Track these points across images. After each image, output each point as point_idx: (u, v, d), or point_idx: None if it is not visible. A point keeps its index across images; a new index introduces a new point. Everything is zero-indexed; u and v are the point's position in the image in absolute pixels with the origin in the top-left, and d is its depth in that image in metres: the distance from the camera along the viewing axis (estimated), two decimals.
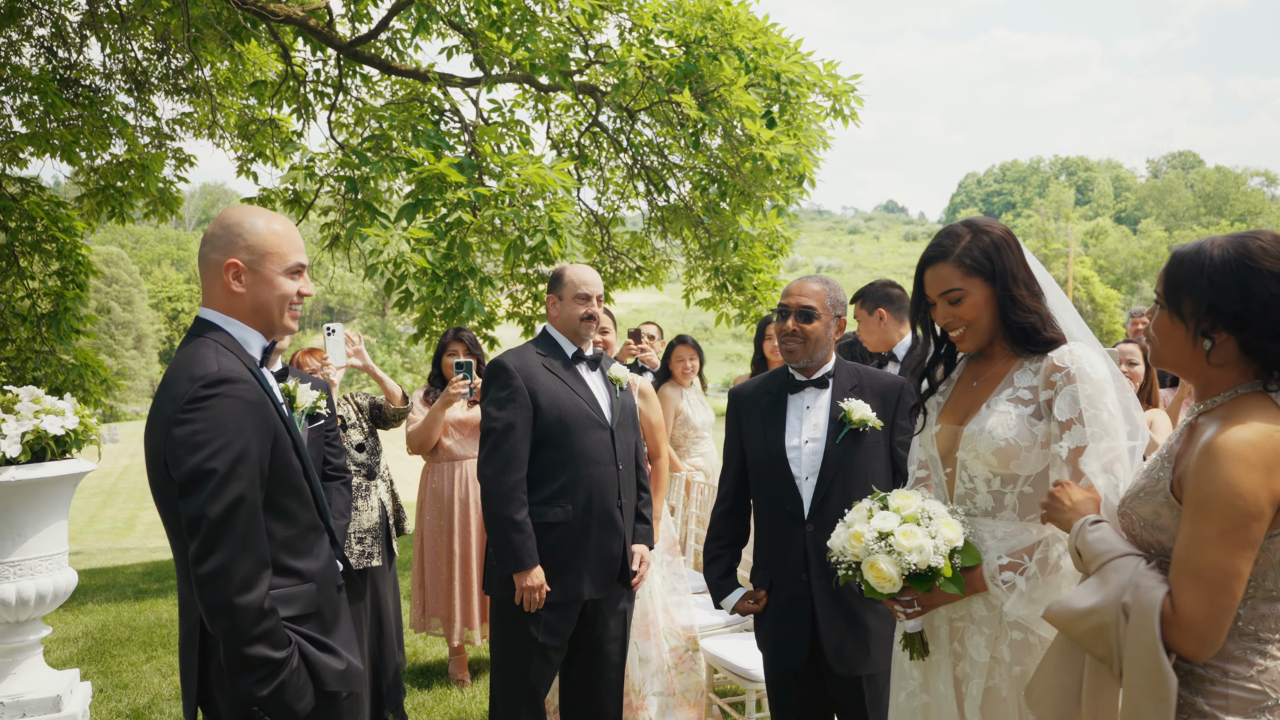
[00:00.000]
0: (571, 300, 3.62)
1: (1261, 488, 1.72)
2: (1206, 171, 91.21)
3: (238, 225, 2.25)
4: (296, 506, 2.25)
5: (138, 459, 25.90)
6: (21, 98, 8.90)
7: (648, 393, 4.63)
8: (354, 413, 4.68)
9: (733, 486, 3.24)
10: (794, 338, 3.04)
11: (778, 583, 3.04)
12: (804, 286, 3.11)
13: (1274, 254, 1.80)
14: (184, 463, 2.02)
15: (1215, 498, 1.75)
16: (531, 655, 3.44)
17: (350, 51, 8.23)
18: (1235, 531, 1.74)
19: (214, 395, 2.06)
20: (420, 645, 5.89)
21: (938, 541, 2.18)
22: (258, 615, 2.04)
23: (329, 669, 2.22)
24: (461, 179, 6.63)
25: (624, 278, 9.87)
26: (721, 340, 69.91)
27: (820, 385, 3.10)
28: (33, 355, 8.79)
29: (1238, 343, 1.83)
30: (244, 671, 2.05)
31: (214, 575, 2.00)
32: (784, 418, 3.09)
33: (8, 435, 2.74)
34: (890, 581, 2.18)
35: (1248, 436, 1.75)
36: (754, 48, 7.59)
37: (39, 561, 2.92)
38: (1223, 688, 1.80)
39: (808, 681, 3.04)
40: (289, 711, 2.11)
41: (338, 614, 2.33)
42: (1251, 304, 1.79)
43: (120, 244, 57.88)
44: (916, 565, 2.17)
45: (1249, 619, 1.81)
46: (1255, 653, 1.80)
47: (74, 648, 6.07)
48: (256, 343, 2.29)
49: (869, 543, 2.22)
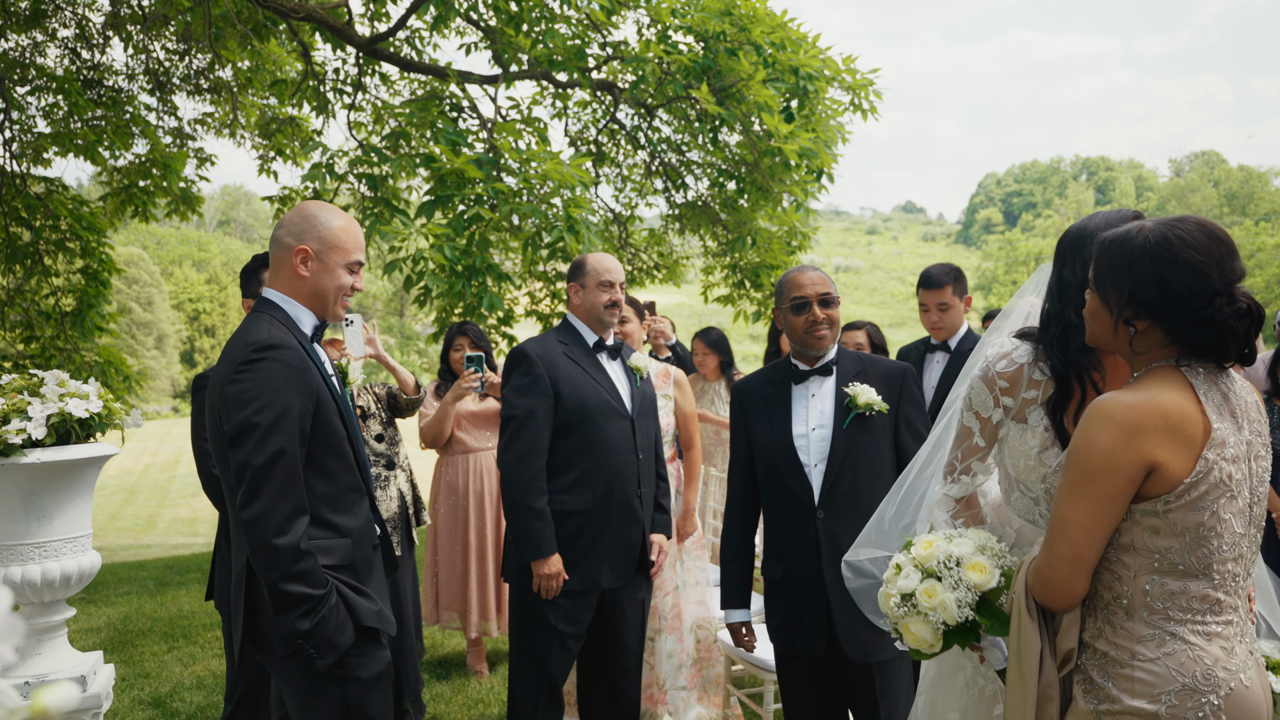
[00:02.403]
0: (594, 288, 3.62)
1: (1120, 445, 1.72)
2: (1231, 170, 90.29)
3: (314, 217, 2.51)
4: (338, 467, 2.46)
5: (160, 457, 26.17)
6: (46, 98, 9.02)
7: (683, 383, 4.63)
8: (373, 403, 4.70)
9: (743, 479, 3.24)
10: (822, 325, 3.05)
11: (790, 572, 3.04)
12: (816, 277, 3.14)
13: (1194, 245, 1.77)
14: (233, 417, 2.28)
15: (1073, 451, 1.80)
16: (550, 643, 3.44)
17: (369, 49, 8.28)
18: (1082, 484, 1.76)
19: (262, 359, 2.32)
20: (439, 637, 5.91)
21: (960, 593, 2.01)
22: (294, 555, 2.25)
23: (365, 607, 2.42)
24: (480, 175, 6.66)
25: (642, 275, 9.87)
26: (739, 341, 69.82)
27: (824, 373, 3.11)
28: (57, 353, 8.91)
29: (1162, 330, 1.81)
30: (287, 608, 2.26)
31: (256, 519, 2.25)
32: (789, 407, 3.11)
33: (33, 417, 2.78)
34: (929, 644, 2.06)
35: (1124, 398, 1.77)
36: (772, 42, 7.57)
37: (64, 544, 2.96)
38: (1129, 670, 1.78)
39: (820, 669, 3.04)
40: (331, 645, 2.32)
41: (371, 569, 2.54)
42: (1170, 295, 1.77)
43: (142, 245, 58.39)
44: (947, 624, 2.03)
45: (1158, 595, 1.79)
46: (1166, 634, 1.77)
47: (97, 638, 6.13)
48: (309, 321, 2.54)
49: (894, 608, 2.10)
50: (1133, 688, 1.76)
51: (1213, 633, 1.77)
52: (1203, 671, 1.73)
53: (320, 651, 2.30)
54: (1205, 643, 1.76)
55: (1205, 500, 1.74)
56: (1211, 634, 1.77)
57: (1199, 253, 1.76)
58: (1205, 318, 1.76)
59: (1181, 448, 1.73)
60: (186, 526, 14.47)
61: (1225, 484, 1.75)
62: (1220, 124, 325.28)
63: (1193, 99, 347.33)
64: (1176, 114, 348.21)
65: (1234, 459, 1.76)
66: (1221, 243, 1.78)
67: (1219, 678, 1.74)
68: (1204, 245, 1.77)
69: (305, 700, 2.41)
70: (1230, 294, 1.76)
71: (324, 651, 2.31)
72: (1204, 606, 1.77)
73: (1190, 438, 1.73)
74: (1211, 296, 1.75)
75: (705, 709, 4.37)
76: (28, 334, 9.04)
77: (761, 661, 3.99)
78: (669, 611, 4.30)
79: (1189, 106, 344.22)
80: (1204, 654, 1.75)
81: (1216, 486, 1.74)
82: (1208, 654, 1.75)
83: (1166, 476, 1.73)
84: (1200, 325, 1.76)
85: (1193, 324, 1.77)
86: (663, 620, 4.29)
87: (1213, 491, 1.74)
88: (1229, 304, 1.75)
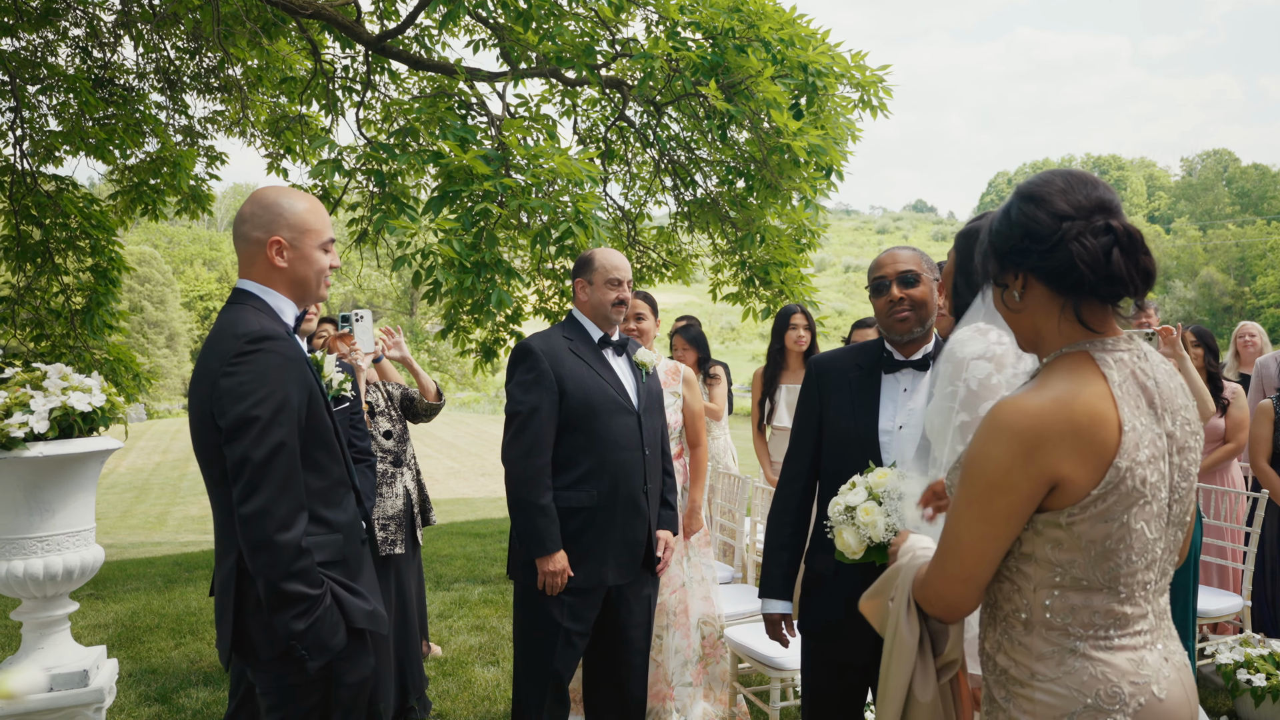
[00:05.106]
0: (602, 285, 3.58)
1: (1017, 461, 1.57)
2: (1244, 169, 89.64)
3: (277, 204, 2.42)
4: (328, 460, 2.41)
5: (170, 455, 26.24)
6: (57, 97, 9.05)
7: (692, 381, 4.61)
8: (384, 400, 4.69)
9: (808, 462, 2.96)
10: (902, 305, 2.77)
11: (844, 571, 2.73)
12: (896, 255, 2.86)
13: (1036, 181, 1.72)
14: (230, 411, 2.20)
15: (968, 463, 1.65)
16: (556, 640, 3.42)
17: (378, 47, 8.27)
18: (976, 501, 1.62)
19: (258, 350, 2.24)
20: (444, 634, 5.89)
21: (891, 520, 2.32)
22: (295, 553, 2.19)
23: (358, 608, 2.37)
24: (488, 171, 6.64)
25: (650, 273, 9.84)
26: (748, 340, 69.74)
27: (920, 367, 2.83)
28: (67, 351, 8.93)
29: (1034, 277, 1.69)
30: (282, 607, 2.19)
31: (256, 515, 2.17)
32: (877, 398, 2.84)
33: (36, 411, 2.77)
34: (853, 551, 2.39)
35: (1025, 403, 1.61)
36: (780, 39, 7.52)
37: (66, 537, 2.95)
38: (1029, 690, 1.65)
39: (856, 674, 2.87)
40: (324, 647, 2.25)
41: (361, 564, 2.49)
42: (1018, 229, 1.69)
43: (153, 244, 58.68)
44: (872, 539, 2.36)
45: (1058, 610, 1.63)
46: (1066, 651, 1.63)
47: (104, 634, 6.14)
48: (290, 310, 2.48)
49: (838, 513, 2.42)
50: (1034, 709, 1.64)
51: (1117, 646, 1.63)
52: (1107, 690, 1.59)
53: (312, 653, 2.24)
54: (1108, 656, 1.62)
55: (1113, 511, 1.58)
56: (1115, 647, 1.63)
57: (1044, 185, 1.68)
58: (1056, 240, 1.63)
59: (1090, 457, 1.57)
60: (197, 524, 14.50)
61: (1138, 491, 1.59)
62: (1230, 123, 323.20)
63: (1202, 98, 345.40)
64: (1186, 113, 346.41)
65: (1150, 459, 1.60)
66: (1074, 176, 1.69)
67: (1125, 693, 1.60)
68: (1047, 179, 1.69)
69: (284, 702, 2.33)
70: (1088, 219, 1.64)
71: (316, 654, 2.24)
72: (1107, 622, 1.63)
73: (1100, 444, 1.57)
74: (1059, 220, 1.64)
75: (711, 705, 4.34)
76: (38, 332, 9.07)
77: (768, 659, 3.96)
78: (676, 607, 4.28)
79: (1198, 105, 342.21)
80: (1108, 669, 1.61)
81: (1127, 495, 1.58)
82: (1112, 669, 1.61)
83: (1071, 490, 1.58)
84: (1053, 250, 1.64)
85: (1047, 252, 1.65)
86: (671, 616, 4.26)
87: (1122, 501, 1.58)
88: (1085, 225, 1.63)
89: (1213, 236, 76.09)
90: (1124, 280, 1.62)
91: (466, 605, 6.78)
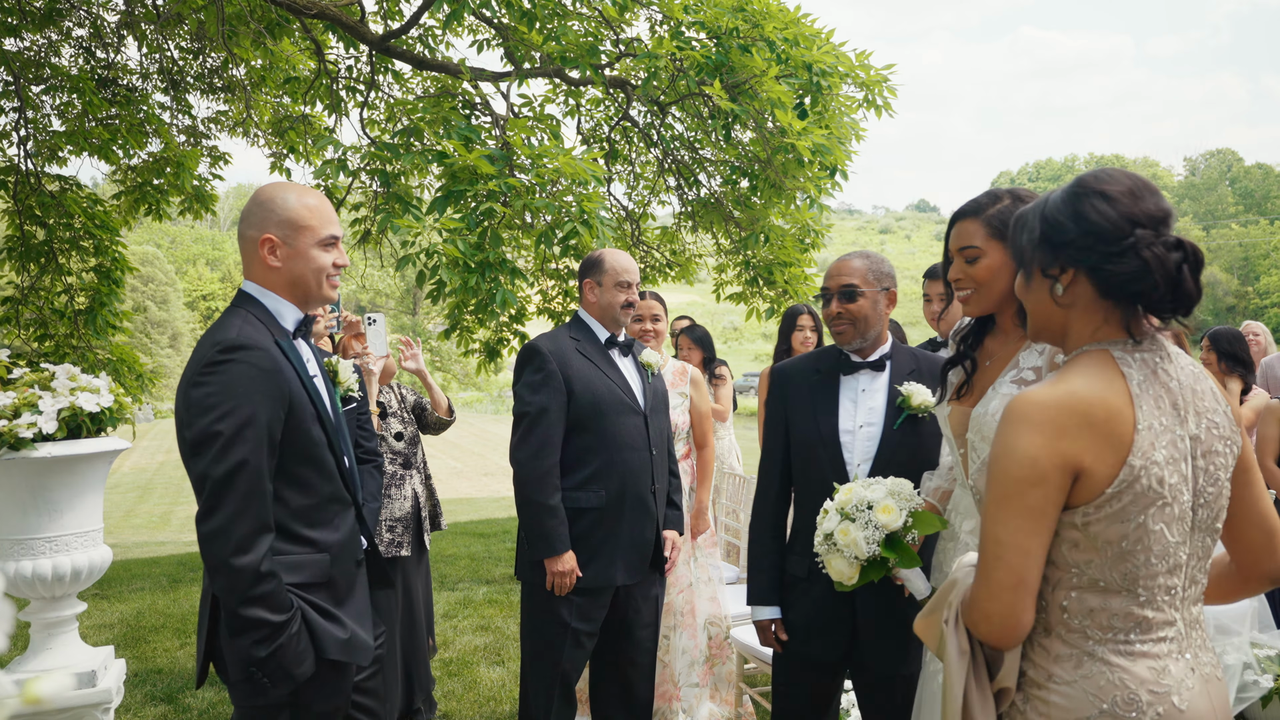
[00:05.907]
0: (612, 287, 3.57)
1: (1043, 450, 1.53)
2: (1248, 169, 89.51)
3: (270, 201, 2.31)
4: (315, 477, 2.27)
5: (173, 454, 26.24)
6: (61, 97, 9.05)
7: (699, 382, 4.60)
8: (396, 401, 4.69)
9: (779, 469, 3.05)
10: (840, 320, 2.89)
11: (816, 571, 2.81)
12: (843, 265, 2.95)
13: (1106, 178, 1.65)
14: (194, 424, 2.10)
15: (994, 462, 1.59)
16: (564, 640, 3.41)
17: (382, 47, 8.27)
18: (1010, 499, 1.55)
19: (228, 361, 2.13)
20: (450, 634, 5.89)
21: (869, 532, 2.26)
22: (253, 577, 2.06)
23: (332, 637, 2.23)
24: (493, 170, 6.63)
25: (654, 272, 9.83)
26: (751, 339, 69.67)
27: (877, 368, 2.92)
28: (70, 351, 8.94)
29: (1087, 276, 1.64)
30: (242, 631, 2.08)
31: (214, 534, 2.06)
32: (836, 400, 2.92)
33: (44, 411, 2.77)
34: (847, 576, 2.31)
35: (1037, 396, 1.58)
36: (785, 38, 7.51)
37: (74, 538, 2.94)
38: (1045, 693, 1.61)
39: (826, 672, 2.93)
40: (286, 675, 2.13)
41: (353, 587, 2.36)
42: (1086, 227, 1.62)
43: (157, 244, 58.73)
44: (859, 557, 2.28)
45: (1076, 612, 1.59)
46: (1083, 654, 1.59)
47: (110, 634, 6.14)
48: (290, 315, 2.34)
49: (821, 545, 2.36)
50: (1049, 712, 1.59)
51: (1138, 652, 1.58)
52: (1124, 696, 1.55)
53: (274, 681, 2.11)
54: (1129, 663, 1.57)
55: (1129, 511, 1.54)
56: (1137, 654, 1.57)
57: (1113, 183, 1.62)
58: (1128, 246, 1.57)
59: (1106, 451, 1.53)
60: None
61: (1155, 491, 1.54)
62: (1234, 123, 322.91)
63: (1206, 98, 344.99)
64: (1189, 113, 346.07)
65: (1169, 460, 1.56)
66: (1139, 180, 1.63)
67: (1143, 701, 1.55)
68: (1118, 176, 1.64)
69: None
70: (1156, 229, 1.59)
71: (278, 681, 2.12)
72: (1127, 625, 1.58)
73: (1116, 438, 1.53)
74: (1132, 225, 1.58)
75: (718, 706, 4.34)
76: (41, 332, 9.08)
77: None
78: (683, 608, 4.28)
79: (1202, 105, 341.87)
80: (1126, 676, 1.56)
81: (1143, 495, 1.54)
82: (1131, 675, 1.56)
83: (1090, 485, 1.54)
84: (1122, 256, 1.58)
85: (1115, 256, 1.58)
86: (678, 617, 4.26)
87: (1138, 501, 1.54)
88: (1155, 235, 1.58)
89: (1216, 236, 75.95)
90: (1190, 299, 1.58)
91: (471, 605, 6.78)
